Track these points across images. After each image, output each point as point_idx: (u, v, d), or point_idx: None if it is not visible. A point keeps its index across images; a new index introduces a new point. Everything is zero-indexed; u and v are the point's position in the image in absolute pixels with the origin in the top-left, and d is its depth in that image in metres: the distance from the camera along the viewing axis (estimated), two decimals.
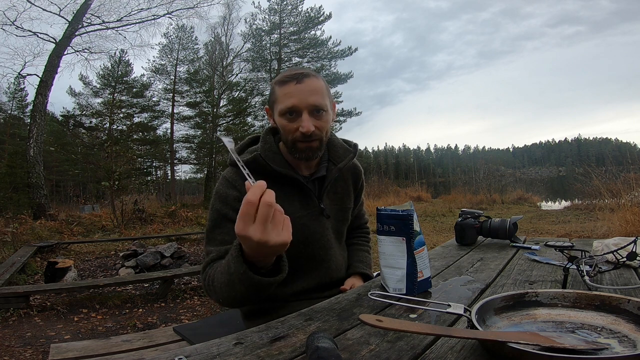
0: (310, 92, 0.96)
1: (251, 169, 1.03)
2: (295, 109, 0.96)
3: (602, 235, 5.10)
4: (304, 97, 0.96)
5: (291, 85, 0.96)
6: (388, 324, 0.51)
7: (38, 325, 2.93)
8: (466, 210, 1.49)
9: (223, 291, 0.84)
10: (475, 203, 12.09)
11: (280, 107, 0.98)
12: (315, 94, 0.97)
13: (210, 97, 20.11)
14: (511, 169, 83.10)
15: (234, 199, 0.98)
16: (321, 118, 0.99)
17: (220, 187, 1.02)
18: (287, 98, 0.97)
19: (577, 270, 0.92)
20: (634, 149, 38.58)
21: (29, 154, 10.88)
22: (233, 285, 0.79)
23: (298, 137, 0.98)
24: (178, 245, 5.24)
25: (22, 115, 21.86)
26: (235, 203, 0.98)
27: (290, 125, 0.98)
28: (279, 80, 1.00)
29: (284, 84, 0.98)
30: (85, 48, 13.86)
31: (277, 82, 1.00)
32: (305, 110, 0.96)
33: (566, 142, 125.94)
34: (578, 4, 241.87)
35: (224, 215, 0.98)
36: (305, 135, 0.97)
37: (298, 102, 0.96)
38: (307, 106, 0.96)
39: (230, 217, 0.97)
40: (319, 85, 0.99)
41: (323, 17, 21.32)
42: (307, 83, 0.97)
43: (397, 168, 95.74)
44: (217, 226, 0.99)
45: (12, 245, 5.96)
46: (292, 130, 0.98)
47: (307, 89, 0.96)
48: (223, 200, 1.00)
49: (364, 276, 1.17)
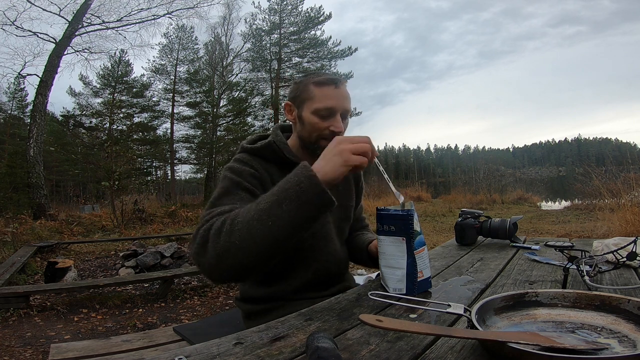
0: (345, 97, 1.06)
1: (263, 155, 1.05)
2: (332, 110, 1.03)
3: (602, 235, 5.10)
4: (341, 101, 1.04)
5: (331, 88, 1.04)
6: (388, 324, 0.51)
7: (38, 325, 2.93)
8: (466, 210, 1.49)
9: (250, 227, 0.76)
10: (475, 203, 12.09)
11: (317, 105, 1.03)
12: (348, 100, 1.07)
13: (210, 97, 20.11)
14: (511, 169, 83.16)
15: (249, 174, 1.00)
16: (345, 121, 1.09)
17: (234, 164, 1.03)
18: (327, 99, 1.03)
19: (577, 270, 0.92)
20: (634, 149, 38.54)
21: (29, 154, 10.88)
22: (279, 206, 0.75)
23: (325, 135, 1.04)
24: (178, 245, 5.24)
25: (22, 115, 21.86)
26: (250, 177, 0.99)
27: (322, 124, 1.04)
28: (318, 81, 1.05)
29: (322, 85, 1.04)
30: (85, 48, 13.88)
31: (315, 83, 1.05)
32: (339, 113, 1.04)
33: (566, 142, 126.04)
34: (579, 4, 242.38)
35: (238, 183, 0.96)
36: (334, 134, 1.03)
37: (336, 104, 1.03)
38: (342, 109, 1.05)
39: (244, 186, 0.96)
40: (348, 93, 1.09)
41: (323, 17, 21.33)
42: (343, 89, 1.06)
43: (397, 168, 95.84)
44: (228, 193, 0.94)
45: (12, 245, 5.96)
46: (323, 128, 1.04)
47: (343, 95, 1.06)
48: (238, 173, 0.99)
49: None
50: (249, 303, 1.10)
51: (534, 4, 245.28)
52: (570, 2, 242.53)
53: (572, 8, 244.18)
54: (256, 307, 1.08)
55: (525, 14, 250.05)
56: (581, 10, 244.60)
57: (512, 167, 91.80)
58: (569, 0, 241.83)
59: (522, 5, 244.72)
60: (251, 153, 1.07)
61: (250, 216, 0.77)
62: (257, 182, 0.99)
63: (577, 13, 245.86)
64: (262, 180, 1.01)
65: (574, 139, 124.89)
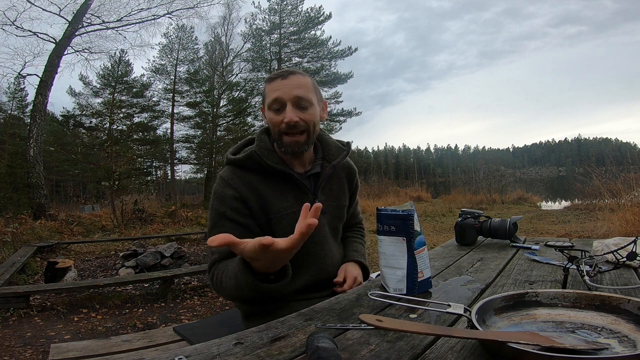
0: (294, 86, 1.02)
1: (246, 167, 1.05)
2: (279, 100, 1.02)
3: (602, 235, 5.10)
4: (288, 90, 1.02)
5: (278, 81, 1.03)
6: (388, 324, 0.51)
7: (38, 325, 2.93)
8: (466, 210, 1.49)
9: (231, 292, 0.92)
10: (475, 203, 12.08)
11: (268, 101, 1.04)
12: (299, 88, 1.03)
13: (210, 97, 20.10)
14: (511, 169, 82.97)
15: (231, 197, 1.02)
16: (306, 111, 1.04)
17: (218, 187, 1.06)
18: (273, 92, 1.03)
19: (577, 270, 0.92)
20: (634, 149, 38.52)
21: (29, 154, 10.87)
22: (241, 290, 0.85)
23: (283, 129, 1.03)
24: (178, 245, 5.23)
25: (22, 115, 21.83)
26: (233, 201, 1.02)
27: (276, 118, 1.03)
28: (268, 78, 1.07)
29: (271, 80, 1.05)
30: (85, 48, 13.85)
31: (266, 80, 1.07)
32: (289, 102, 1.02)
33: (566, 142, 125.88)
34: (580, 4, 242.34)
35: (222, 214, 1.02)
36: (289, 125, 1.01)
37: (282, 94, 1.02)
38: (290, 98, 1.02)
39: (229, 216, 1.02)
40: (304, 81, 1.05)
41: (323, 17, 21.31)
42: (292, 79, 1.03)
43: (397, 168, 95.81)
44: (217, 225, 1.03)
45: (12, 245, 5.96)
46: (278, 123, 1.03)
47: (292, 84, 1.03)
48: (220, 200, 1.04)
49: (358, 263, 1.19)
50: (249, 304, 1.10)
51: (536, 3, 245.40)
52: (571, 2, 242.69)
53: (573, 8, 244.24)
54: (255, 308, 1.09)
55: (526, 14, 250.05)
56: (582, 10, 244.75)
57: (512, 167, 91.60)
58: (570, 0, 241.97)
59: (523, 5, 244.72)
60: (234, 164, 1.08)
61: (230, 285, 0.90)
62: (239, 205, 1.03)
63: (578, 13, 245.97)
64: (244, 199, 1.03)
65: (574, 139, 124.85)
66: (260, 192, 1.04)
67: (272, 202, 1.05)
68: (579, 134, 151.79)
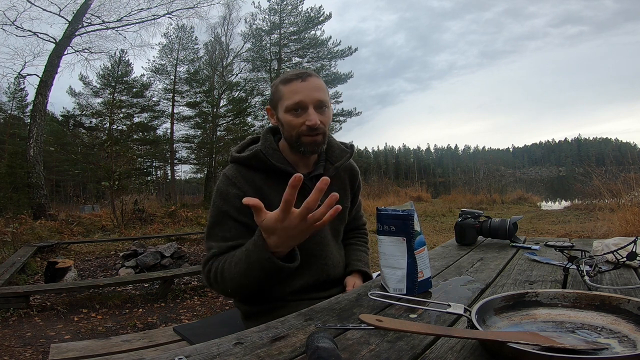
0: (314, 88, 1.03)
1: (250, 165, 1.05)
2: (302, 104, 1.02)
3: (602, 235, 5.10)
4: (310, 93, 1.02)
5: (297, 83, 1.02)
6: (388, 324, 0.51)
7: (38, 325, 2.93)
8: (466, 210, 1.49)
9: (234, 280, 0.93)
10: (475, 203, 12.08)
11: (287, 103, 1.03)
12: (319, 91, 1.03)
13: (210, 97, 20.09)
14: (511, 169, 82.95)
15: (234, 196, 1.02)
16: (324, 113, 1.05)
17: (221, 184, 1.06)
18: (294, 94, 1.02)
19: (577, 270, 0.92)
20: (634, 149, 38.56)
21: (29, 154, 10.87)
22: (251, 272, 0.88)
23: (304, 131, 1.03)
24: (178, 245, 5.24)
25: (22, 115, 21.83)
26: (236, 200, 1.01)
27: (297, 120, 1.03)
28: (283, 79, 1.05)
29: (288, 82, 1.04)
30: (85, 48, 13.84)
31: (282, 81, 1.05)
32: (311, 105, 1.02)
33: (566, 142, 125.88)
34: (581, 4, 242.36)
35: (225, 212, 1.02)
36: (311, 128, 1.02)
37: (304, 97, 1.01)
38: (312, 101, 1.02)
39: (231, 215, 1.02)
40: (321, 84, 1.06)
41: (323, 17, 21.31)
42: (311, 81, 1.03)
43: (397, 168, 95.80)
44: (218, 223, 1.03)
45: (12, 245, 5.96)
46: (299, 125, 1.03)
47: (312, 86, 1.03)
48: (224, 198, 1.03)
49: (362, 274, 1.19)
50: (248, 304, 1.10)
51: (537, 4, 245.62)
52: (572, 2, 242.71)
53: (574, 8, 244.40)
54: (255, 308, 1.09)
55: (527, 14, 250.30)
56: (583, 10, 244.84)
57: (512, 167, 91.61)
58: (571, 0, 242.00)
59: (524, 5, 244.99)
60: (238, 163, 1.08)
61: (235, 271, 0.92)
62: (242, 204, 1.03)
63: (579, 13, 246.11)
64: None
65: (574, 139, 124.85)
66: (264, 192, 1.04)
67: (275, 202, 1.05)
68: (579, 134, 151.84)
